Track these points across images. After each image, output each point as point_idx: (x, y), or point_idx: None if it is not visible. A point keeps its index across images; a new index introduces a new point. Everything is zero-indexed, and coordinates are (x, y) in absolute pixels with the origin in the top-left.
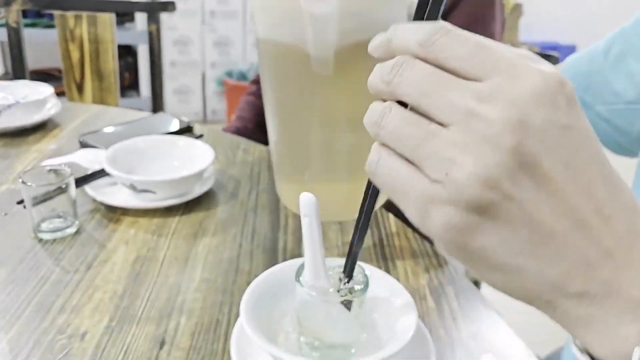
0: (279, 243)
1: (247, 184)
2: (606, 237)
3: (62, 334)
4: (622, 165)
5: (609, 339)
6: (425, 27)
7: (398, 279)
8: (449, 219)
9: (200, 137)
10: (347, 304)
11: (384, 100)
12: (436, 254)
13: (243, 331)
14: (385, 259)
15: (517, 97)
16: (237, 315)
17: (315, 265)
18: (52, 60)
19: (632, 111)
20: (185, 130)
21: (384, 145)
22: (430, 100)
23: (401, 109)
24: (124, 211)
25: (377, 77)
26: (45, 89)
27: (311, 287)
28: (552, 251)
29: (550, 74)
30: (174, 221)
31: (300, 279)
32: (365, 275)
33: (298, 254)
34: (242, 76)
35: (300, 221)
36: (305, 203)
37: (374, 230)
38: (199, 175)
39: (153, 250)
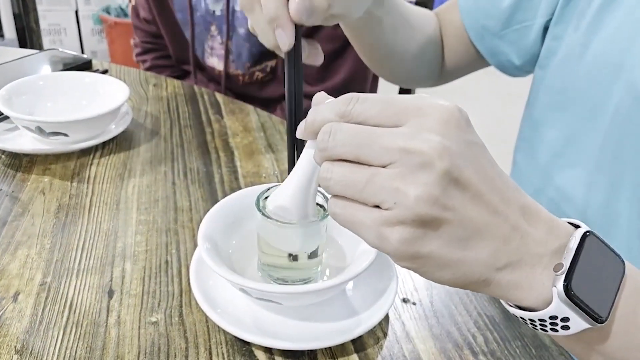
0: (214, 177)
1: (166, 120)
2: (510, 215)
3: None
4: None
5: (534, 290)
6: (339, 102)
7: None
8: (402, 235)
9: (105, 72)
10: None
11: None
12: None
13: (201, 266)
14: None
15: (434, 128)
16: (187, 254)
17: (306, 196)
18: None
19: (526, 28)
20: (84, 67)
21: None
22: (366, 150)
23: (342, 163)
24: (32, 158)
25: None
26: None
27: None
28: (481, 239)
29: (448, 105)
30: (93, 164)
31: (267, 209)
32: (327, 198)
33: (237, 186)
34: (122, 12)
35: (232, 153)
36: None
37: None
38: (115, 113)
39: (76, 197)
